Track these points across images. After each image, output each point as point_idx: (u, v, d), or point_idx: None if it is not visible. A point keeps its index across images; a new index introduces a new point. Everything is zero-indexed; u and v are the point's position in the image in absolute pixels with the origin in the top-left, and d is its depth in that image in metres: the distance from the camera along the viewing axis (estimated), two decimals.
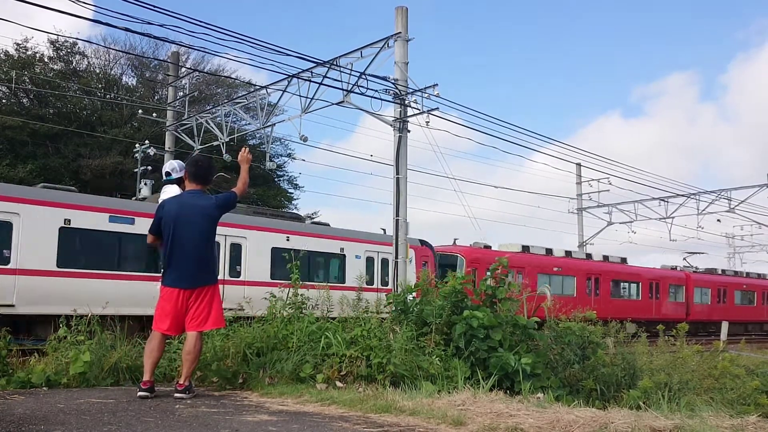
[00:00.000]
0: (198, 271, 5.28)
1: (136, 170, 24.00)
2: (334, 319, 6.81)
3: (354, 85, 15.06)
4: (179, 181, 5.89)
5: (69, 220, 13.87)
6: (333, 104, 16.43)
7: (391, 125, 15.36)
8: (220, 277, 7.39)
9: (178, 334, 5.38)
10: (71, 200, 14.26)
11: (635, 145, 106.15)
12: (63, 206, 13.85)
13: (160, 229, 5.38)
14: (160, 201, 6.21)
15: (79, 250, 14.08)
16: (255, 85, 21.52)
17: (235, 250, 16.74)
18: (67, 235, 13.78)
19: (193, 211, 5.31)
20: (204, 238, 5.35)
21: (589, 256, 30.67)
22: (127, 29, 12.93)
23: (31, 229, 13.22)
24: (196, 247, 5.28)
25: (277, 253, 17.10)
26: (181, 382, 5.20)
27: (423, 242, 21.46)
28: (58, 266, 13.54)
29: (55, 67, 29.18)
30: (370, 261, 19.83)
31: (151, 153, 21.56)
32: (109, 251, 14.51)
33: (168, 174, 6.20)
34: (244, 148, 5.87)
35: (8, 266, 12.94)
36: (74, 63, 30.11)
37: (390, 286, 17.84)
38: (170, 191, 6.07)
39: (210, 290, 5.34)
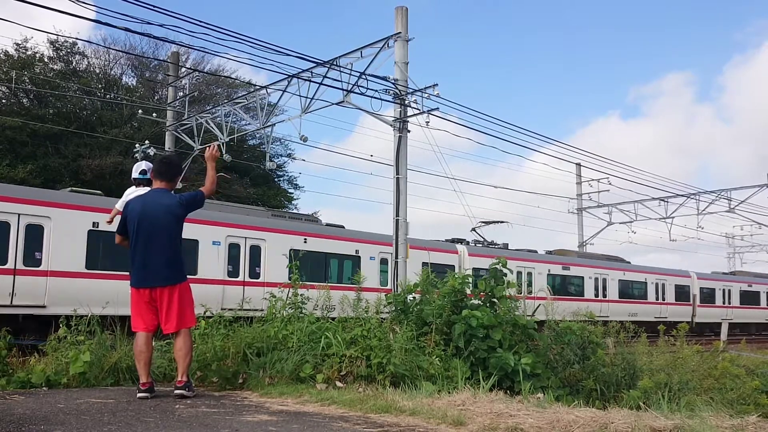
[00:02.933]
0: (163, 270, 5.20)
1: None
2: (333, 318, 6.81)
3: (354, 85, 15.06)
4: (149, 182, 5.91)
5: None
6: (333, 104, 16.43)
7: (391, 125, 15.36)
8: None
9: (154, 331, 5.32)
10: None
11: (634, 145, 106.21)
12: None
13: (126, 229, 5.33)
14: (122, 199, 6.29)
15: None
16: (255, 85, 21.53)
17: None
18: None
19: (156, 210, 5.25)
20: (168, 237, 5.26)
21: None
22: (127, 29, 12.95)
23: None
24: (160, 246, 5.21)
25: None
26: (179, 378, 5.20)
27: None
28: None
29: (55, 67, 29.15)
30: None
31: (151, 153, 21.54)
32: None
33: (144, 172, 6.32)
34: (211, 145, 5.77)
35: None
36: (74, 63, 30.11)
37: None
38: (134, 192, 6.19)
39: (177, 288, 5.26)
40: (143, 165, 6.53)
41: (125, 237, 5.38)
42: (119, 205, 6.43)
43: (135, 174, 6.64)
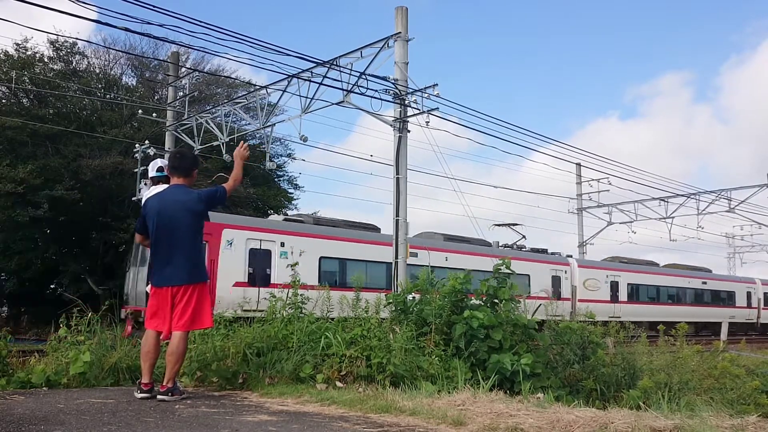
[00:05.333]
0: (182, 268, 5.09)
1: (136, 170, 24.00)
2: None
3: (354, 85, 15.06)
4: (168, 179, 5.75)
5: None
6: (333, 104, 16.43)
7: (391, 125, 15.36)
8: None
9: (169, 332, 5.19)
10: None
11: (632, 146, 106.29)
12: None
13: (146, 228, 5.22)
14: (143, 198, 6.14)
15: None
16: (255, 85, 21.51)
17: None
18: None
19: (174, 207, 5.13)
20: (188, 234, 5.15)
21: None
22: (126, 29, 12.88)
23: None
24: (179, 243, 5.09)
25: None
26: (163, 383, 5.05)
27: None
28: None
29: (55, 67, 29.11)
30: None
31: (151, 153, 21.51)
32: None
33: (161, 169, 6.14)
34: (241, 143, 5.67)
35: None
36: (74, 63, 30.07)
37: None
38: (152, 190, 6.01)
39: (197, 288, 5.15)
40: (160, 162, 6.33)
41: (146, 236, 5.27)
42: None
43: (152, 172, 6.44)
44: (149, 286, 5.46)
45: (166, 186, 5.72)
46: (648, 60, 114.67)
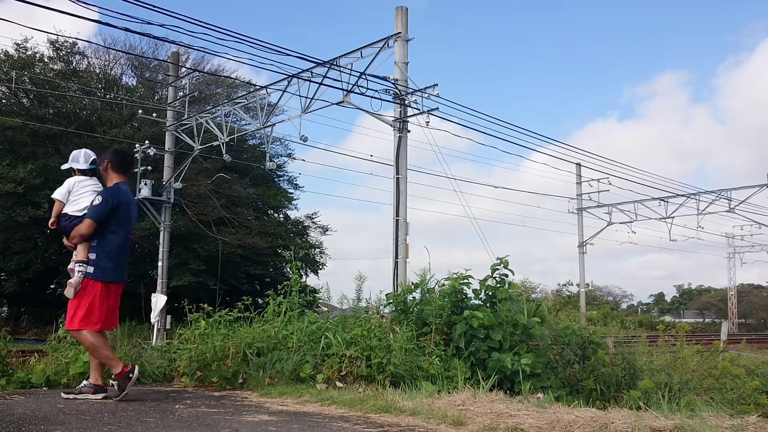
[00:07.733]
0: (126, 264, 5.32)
1: (135, 170, 23.99)
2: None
3: (354, 85, 15.05)
4: (95, 172, 5.46)
5: None
6: (333, 104, 16.41)
7: (391, 125, 15.36)
8: None
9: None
10: None
11: (630, 147, 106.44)
12: None
13: (107, 216, 4.98)
14: (71, 187, 5.46)
15: None
16: (255, 85, 21.49)
17: None
18: None
19: (135, 204, 5.44)
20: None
21: None
22: (127, 29, 12.89)
23: None
24: (131, 240, 5.37)
25: None
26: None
27: None
28: None
29: (55, 67, 29.11)
30: None
31: (151, 153, 21.52)
32: None
33: (95, 162, 5.58)
34: None
35: None
36: (74, 63, 30.08)
37: None
38: (86, 182, 5.45)
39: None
40: (93, 155, 5.71)
41: (98, 225, 4.97)
42: (61, 195, 5.38)
43: (85, 164, 5.58)
44: (77, 281, 4.98)
45: (95, 180, 5.43)
46: (644, 61, 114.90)
